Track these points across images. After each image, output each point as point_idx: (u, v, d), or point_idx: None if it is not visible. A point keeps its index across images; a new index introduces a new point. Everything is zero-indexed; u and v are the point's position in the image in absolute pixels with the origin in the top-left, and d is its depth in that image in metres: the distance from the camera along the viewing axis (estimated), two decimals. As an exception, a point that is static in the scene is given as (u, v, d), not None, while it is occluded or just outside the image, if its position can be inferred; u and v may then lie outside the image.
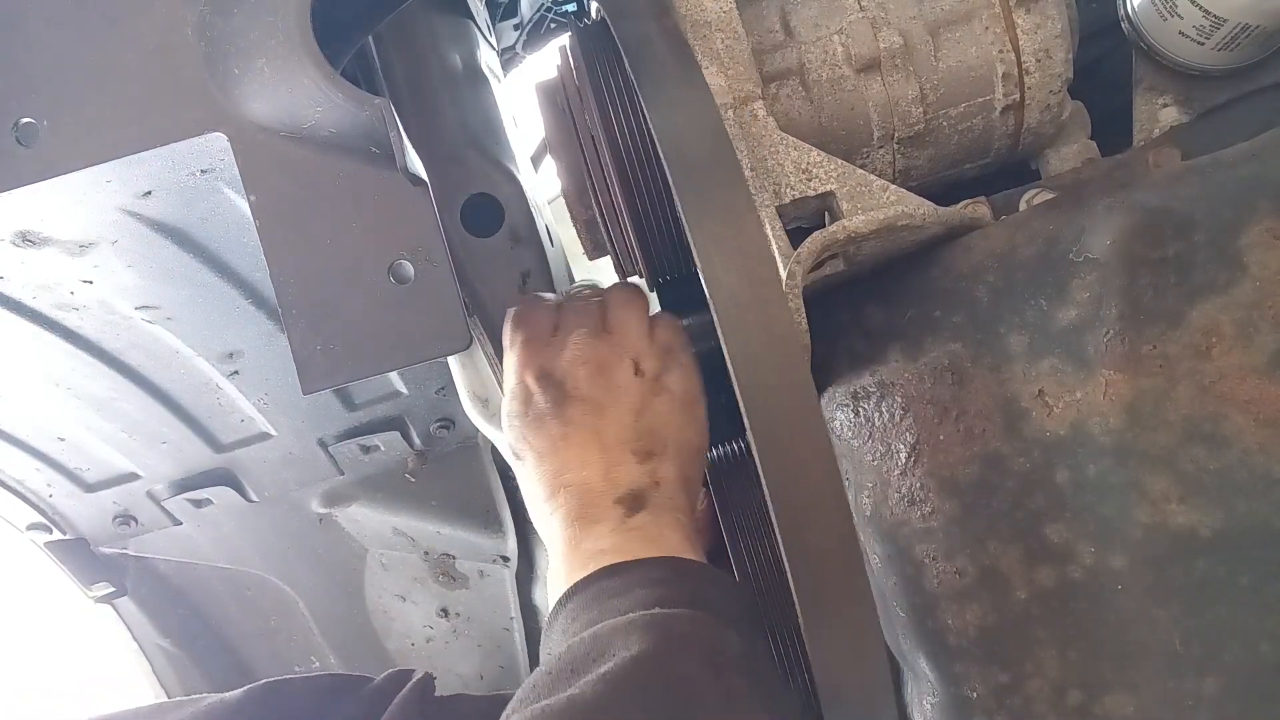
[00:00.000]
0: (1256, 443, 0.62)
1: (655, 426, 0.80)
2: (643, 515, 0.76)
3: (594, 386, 0.80)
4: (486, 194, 1.05)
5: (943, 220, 0.71)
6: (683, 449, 0.80)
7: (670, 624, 0.63)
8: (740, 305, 0.60)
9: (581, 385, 0.80)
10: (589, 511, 0.77)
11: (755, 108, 0.73)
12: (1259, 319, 0.63)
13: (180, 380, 1.18)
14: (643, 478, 0.78)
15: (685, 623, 0.64)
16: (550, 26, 1.66)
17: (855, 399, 0.73)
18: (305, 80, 0.73)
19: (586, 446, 0.79)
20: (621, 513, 0.76)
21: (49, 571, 1.48)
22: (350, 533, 1.53)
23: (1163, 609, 0.64)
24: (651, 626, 0.62)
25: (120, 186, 0.82)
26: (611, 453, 0.79)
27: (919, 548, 0.70)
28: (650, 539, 0.74)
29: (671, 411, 0.80)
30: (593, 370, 0.81)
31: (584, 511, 0.77)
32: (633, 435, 0.79)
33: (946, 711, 0.70)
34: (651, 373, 0.81)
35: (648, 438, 0.79)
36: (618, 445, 0.79)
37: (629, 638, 0.61)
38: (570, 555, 0.76)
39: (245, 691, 0.81)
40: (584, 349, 0.82)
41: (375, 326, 0.77)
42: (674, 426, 0.80)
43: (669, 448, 0.79)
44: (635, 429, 0.79)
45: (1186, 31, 0.76)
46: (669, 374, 0.81)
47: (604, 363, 0.81)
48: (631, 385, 0.80)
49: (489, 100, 1.15)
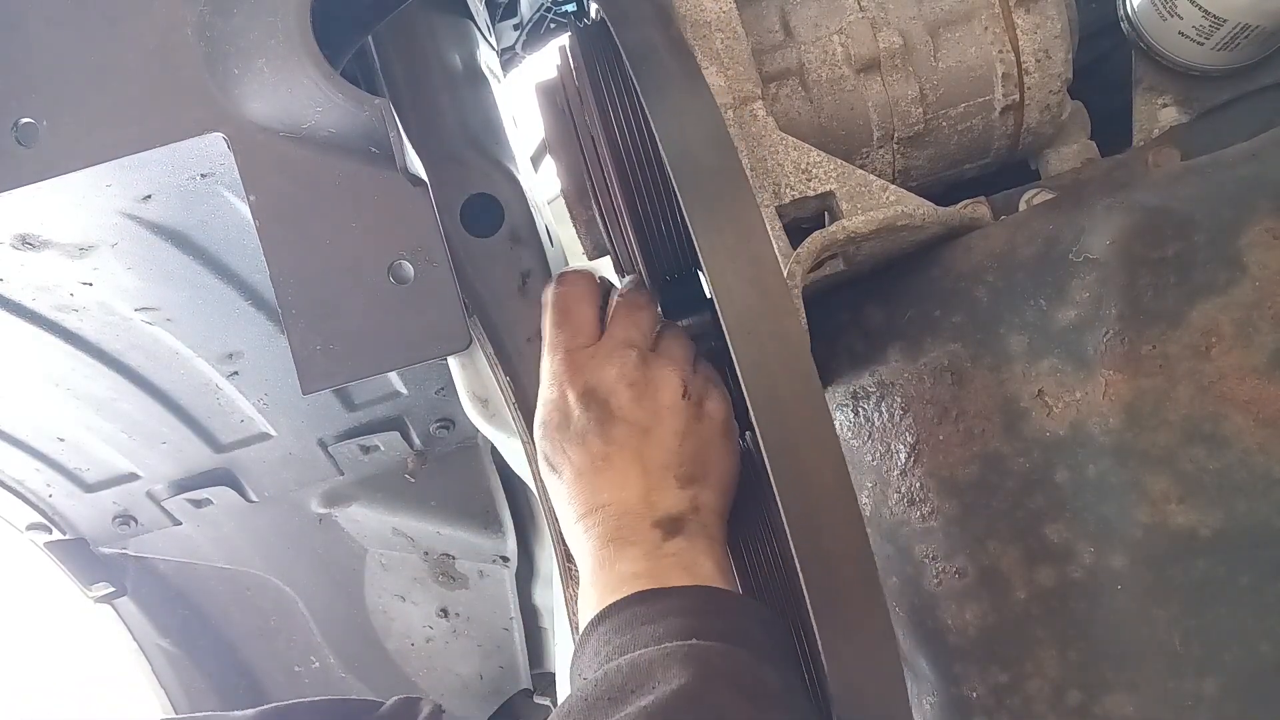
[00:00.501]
0: (1256, 443, 0.62)
1: (699, 452, 0.78)
2: (679, 540, 0.75)
3: (639, 408, 0.78)
4: (486, 194, 1.04)
5: (942, 220, 0.71)
6: (723, 476, 0.79)
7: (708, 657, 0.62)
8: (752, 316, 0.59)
9: (626, 406, 0.78)
10: (624, 533, 0.75)
11: (755, 108, 0.73)
12: (1259, 319, 0.63)
13: (180, 381, 1.18)
14: (683, 503, 0.76)
15: (722, 656, 0.63)
16: (550, 26, 1.67)
17: (855, 399, 0.73)
18: (305, 80, 0.73)
19: (628, 468, 0.77)
20: (659, 536, 0.75)
21: (49, 572, 1.48)
22: (350, 533, 1.53)
23: (1163, 609, 0.64)
24: (690, 659, 0.61)
25: (120, 190, 0.82)
26: (653, 476, 0.77)
27: (919, 548, 0.70)
28: (685, 566, 0.73)
29: (714, 437, 0.78)
30: (639, 392, 0.79)
31: (619, 533, 0.76)
32: (676, 460, 0.77)
33: (946, 711, 0.70)
34: (696, 398, 0.79)
35: (691, 463, 0.77)
36: (660, 469, 0.77)
37: (668, 670, 0.60)
38: (602, 576, 0.74)
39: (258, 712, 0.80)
40: (631, 369, 0.79)
41: (375, 326, 0.77)
42: (716, 453, 0.78)
43: (710, 475, 0.78)
44: (679, 454, 0.77)
45: (1186, 31, 0.76)
46: (710, 400, 0.80)
47: (651, 383, 0.79)
48: (678, 408, 0.78)
49: (489, 100, 1.15)
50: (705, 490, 0.77)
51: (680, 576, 0.71)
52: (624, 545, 0.75)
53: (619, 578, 0.73)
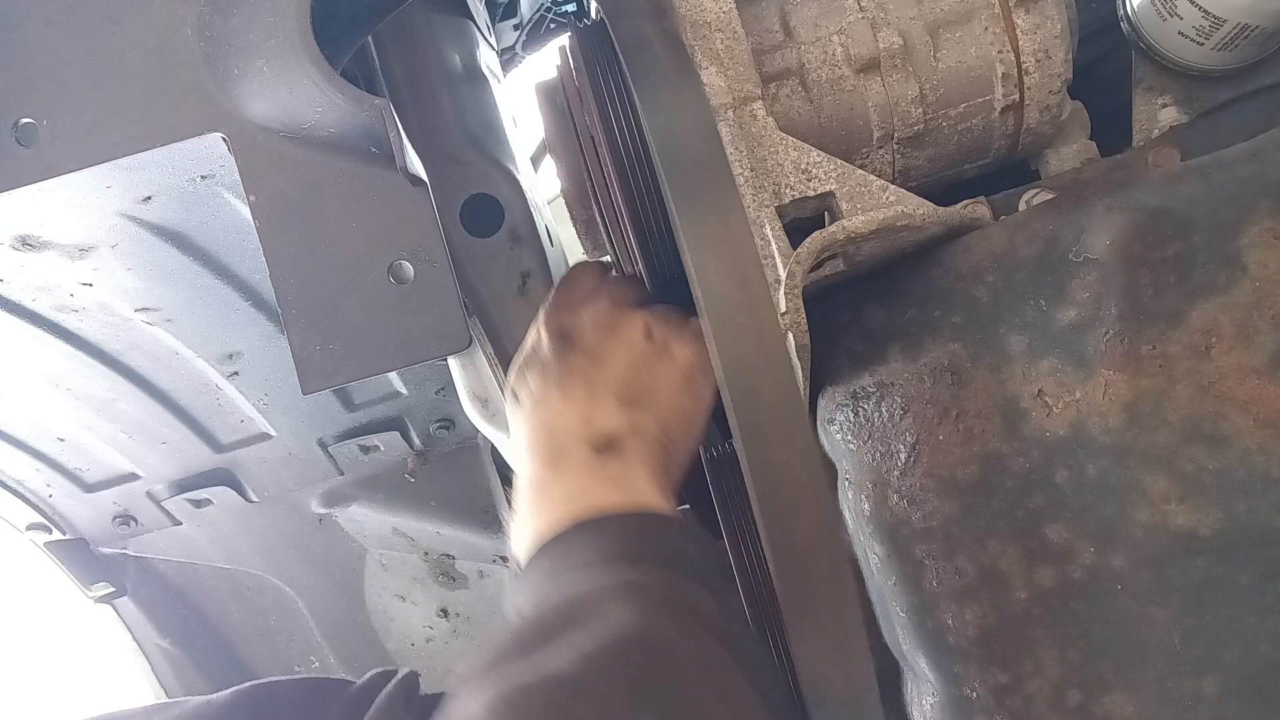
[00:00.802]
0: (1256, 443, 0.63)
1: (647, 384, 0.80)
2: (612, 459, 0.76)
3: (599, 340, 0.81)
4: (486, 194, 1.04)
5: (942, 220, 0.71)
6: (672, 411, 0.80)
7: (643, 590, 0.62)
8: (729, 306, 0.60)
9: (588, 338, 0.82)
10: (560, 452, 0.77)
11: (755, 108, 0.73)
12: (1259, 319, 0.63)
13: (180, 381, 1.18)
14: (620, 423, 0.77)
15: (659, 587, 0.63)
16: (550, 26, 1.66)
17: (855, 399, 0.73)
18: (305, 80, 0.73)
19: (575, 390, 0.79)
20: (591, 454, 0.76)
21: (49, 572, 1.48)
22: (350, 533, 1.53)
23: (1162, 609, 0.64)
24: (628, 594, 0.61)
25: (120, 192, 0.82)
26: (596, 397, 0.79)
27: (919, 548, 0.70)
28: (616, 483, 0.74)
29: (670, 374, 0.80)
30: (604, 328, 0.82)
31: (556, 454, 0.77)
32: (622, 385, 0.79)
33: (946, 711, 0.70)
34: (661, 338, 0.82)
35: (635, 390, 0.79)
36: (604, 391, 0.79)
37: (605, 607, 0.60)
38: (537, 499, 0.75)
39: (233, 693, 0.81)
40: (602, 311, 0.83)
41: (375, 326, 0.77)
42: (667, 388, 0.80)
43: (656, 404, 0.79)
44: (626, 380, 0.79)
45: (1186, 31, 0.76)
46: (679, 344, 0.82)
47: (617, 323, 0.82)
48: (637, 343, 0.81)
49: (489, 100, 1.15)
50: (646, 416, 0.79)
51: (612, 495, 0.72)
52: (559, 465, 0.76)
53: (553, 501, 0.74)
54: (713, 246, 0.61)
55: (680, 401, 0.80)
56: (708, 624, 0.62)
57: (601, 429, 0.77)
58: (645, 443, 0.78)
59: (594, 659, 0.56)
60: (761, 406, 0.59)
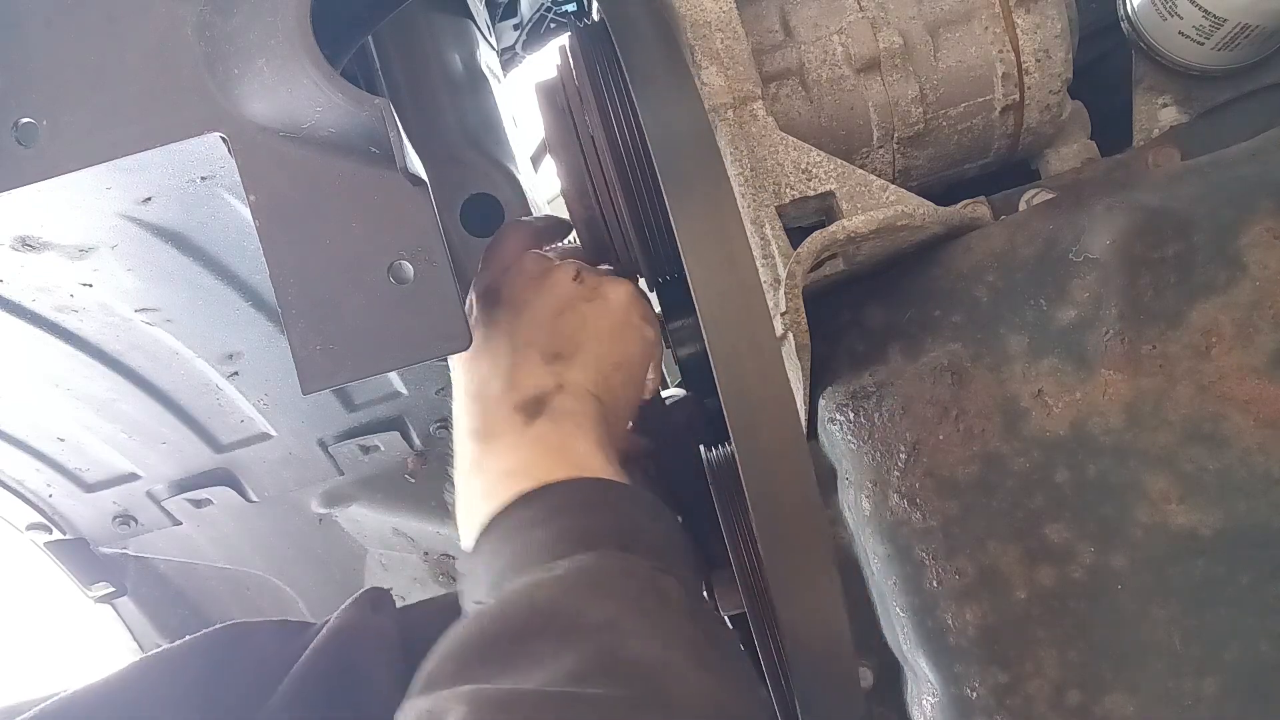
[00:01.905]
0: (1256, 443, 0.63)
1: (573, 330, 0.76)
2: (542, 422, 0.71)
3: (524, 290, 0.78)
4: (486, 194, 1.04)
5: (942, 220, 0.71)
6: (599, 359, 0.76)
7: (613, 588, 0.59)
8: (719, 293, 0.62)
9: (513, 290, 0.78)
10: (490, 424, 0.73)
11: (755, 108, 0.73)
12: (1259, 319, 0.63)
13: (180, 381, 1.18)
14: (546, 380, 0.73)
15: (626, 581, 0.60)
16: (550, 26, 1.66)
17: (855, 399, 0.73)
18: (305, 80, 0.73)
19: (499, 348, 0.76)
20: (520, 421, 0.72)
21: (49, 571, 1.48)
22: (350, 533, 1.53)
23: (1163, 609, 0.64)
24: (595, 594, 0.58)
25: (120, 193, 0.82)
26: (519, 354, 0.75)
27: (919, 548, 0.70)
28: (552, 449, 0.70)
29: (599, 318, 0.76)
30: (529, 277, 0.78)
31: (487, 425, 0.73)
32: (545, 336, 0.75)
33: (946, 711, 0.70)
34: (592, 281, 0.78)
35: (560, 340, 0.75)
36: (526, 346, 0.75)
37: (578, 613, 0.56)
38: (475, 476, 0.72)
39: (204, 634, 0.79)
40: (529, 263, 0.79)
41: (375, 326, 0.77)
42: (596, 333, 0.76)
43: (582, 352, 0.75)
44: (549, 329, 0.75)
45: (1186, 31, 0.76)
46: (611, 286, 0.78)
47: (545, 272, 0.78)
48: (561, 287, 0.77)
49: (489, 100, 1.15)
50: (573, 368, 0.74)
51: (551, 463, 0.68)
52: (491, 438, 0.73)
53: (493, 477, 0.70)
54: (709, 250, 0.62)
55: (613, 349, 0.77)
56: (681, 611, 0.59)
57: (526, 390, 0.73)
58: (576, 397, 0.73)
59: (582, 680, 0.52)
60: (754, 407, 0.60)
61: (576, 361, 0.75)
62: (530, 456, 0.70)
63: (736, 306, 0.61)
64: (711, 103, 0.72)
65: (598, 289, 0.78)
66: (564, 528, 0.63)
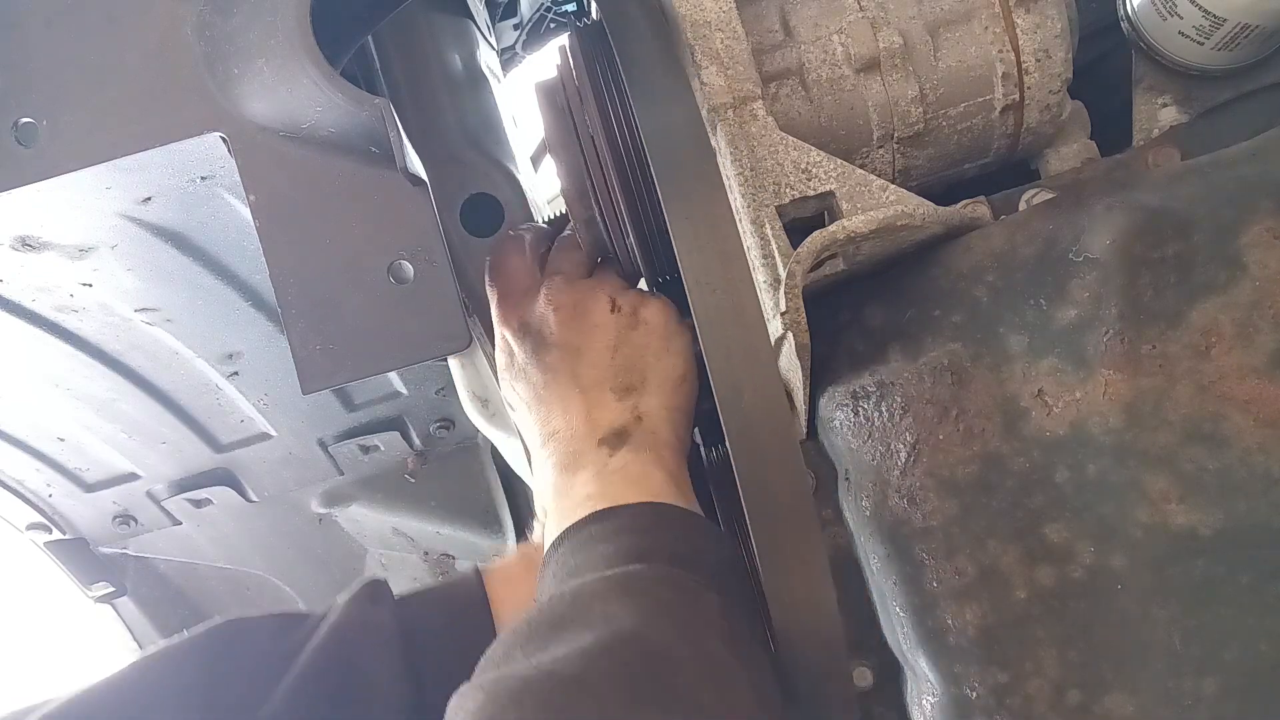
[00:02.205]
0: (1256, 442, 0.62)
1: (633, 361, 0.80)
2: (624, 453, 0.76)
3: (568, 330, 0.81)
4: (486, 194, 1.05)
5: (942, 220, 0.71)
6: (665, 380, 0.80)
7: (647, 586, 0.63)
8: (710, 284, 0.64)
9: (557, 331, 0.81)
10: (575, 458, 0.78)
11: (755, 108, 0.73)
12: (1259, 319, 0.63)
13: (180, 381, 1.18)
14: (624, 414, 0.78)
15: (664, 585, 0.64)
16: (550, 26, 1.66)
17: (855, 399, 0.73)
18: (305, 80, 0.73)
19: (567, 392, 0.80)
20: (605, 454, 0.76)
21: (49, 571, 1.48)
22: (350, 533, 1.53)
23: (1163, 609, 0.64)
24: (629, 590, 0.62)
25: (120, 193, 0.82)
26: (590, 394, 0.79)
27: (919, 548, 0.70)
28: (632, 480, 0.74)
29: (649, 342, 0.80)
30: (567, 314, 0.81)
31: (570, 459, 0.78)
32: (610, 373, 0.79)
33: (946, 711, 0.70)
34: (628, 307, 0.81)
35: (625, 373, 0.79)
36: (596, 386, 0.79)
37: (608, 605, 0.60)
38: (560, 503, 0.76)
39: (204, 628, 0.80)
40: (557, 294, 0.82)
41: (375, 326, 0.77)
42: (653, 357, 0.80)
43: (648, 380, 0.79)
44: (612, 366, 0.79)
45: (1186, 31, 0.76)
46: (646, 307, 0.81)
47: (578, 304, 0.82)
48: (607, 322, 0.81)
49: (489, 100, 1.15)
50: (646, 397, 0.79)
51: (630, 492, 0.73)
52: (576, 470, 0.77)
53: (574, 502, 0.74)
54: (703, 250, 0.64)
55: (667, 366, 0.80)
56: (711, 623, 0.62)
57: (608, 426, 0.78)
58: (654, 425, 0.78)
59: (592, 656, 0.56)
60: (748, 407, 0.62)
61: (648, 390, 0.79)
62: (610, 485, 0.74)
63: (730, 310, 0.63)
64: (711, 102, 0.72)
65: (636, 314, 0.81)
66: (626, 544, 0.67)
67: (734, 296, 0.64)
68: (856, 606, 0.75)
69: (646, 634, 0.58)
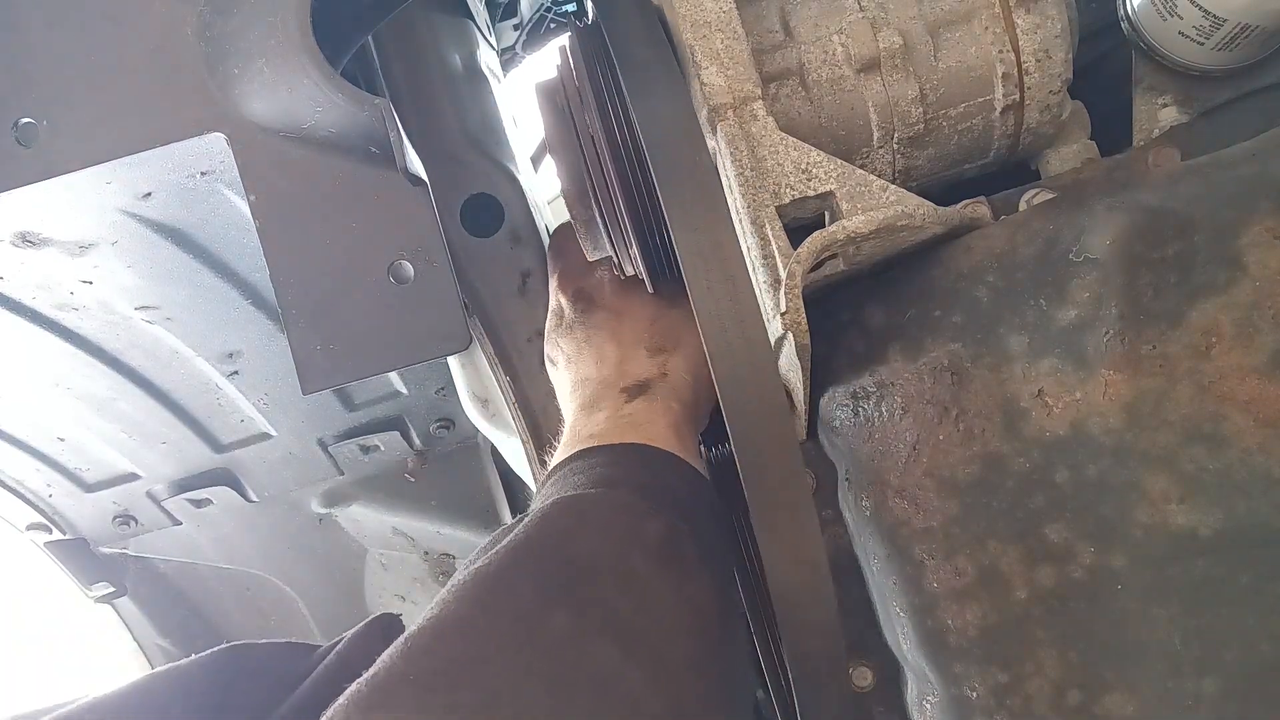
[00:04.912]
0: (1256, 442, 0.62)
1: (668, 330, 0.87)
2: (639, 402, 0.81)
3: (617, 297, 0.89)
4: (486, 194, 1.05)
5: (942, 220, 0.71)
6: (696, 349, 0.85)
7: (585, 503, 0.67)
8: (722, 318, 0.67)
9: (607, 296, 0.90)
10: (596, 400, 0.83)
11: (755, 108, 0.73)
12: (1259, 319, 0.63)
13: (180, 380, 1.18)
14: (652, 369, 0.84)
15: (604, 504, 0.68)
16: (550, 26, 1.67)
17: (855, 399, 0.73)
18: (305, 80, 0.73)
19: (605, 344, 0.87)
20: (623, 400, 0.82)
21: (49, 571, 1.48)
22: (350, 533, 1.53)
23: (1163, 609, 0.64)
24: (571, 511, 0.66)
25: (120, 188, 0.82)
26: (626, 349, 0.86)
27: (919, 548, 0.70)
28: (637, 424, 0.79)
29: (686, 320, 0.85)
30: (617, 285, 0.90)
31: (592, 400, 0.84)
32: (647, 336, 0.87)
33: (946, 711, 0.70)
34: (668, 294, 0.88)
35: (661, 337, 0.87)
36: (632, 343, 0.87)
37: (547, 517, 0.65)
38: (569, 439, 0.81)
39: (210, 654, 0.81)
40: (611, 270, 0.90)
41: (375, 326, 0.77)
42: (686, 332, 0.87)
43: (681, 344, 0.86)
44: (650, 331, 0.87)
45: (1186, 31, 0.76)
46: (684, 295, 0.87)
47: (627, 282, 0.89)
48: (649, 298, 0.88)
49: (489, 100, 1.15)
50: (674, 357, 0.86)
51: (630, 434, 0.77)
52: (593, 411, 0.83)
53: (578, 438, 0.79)
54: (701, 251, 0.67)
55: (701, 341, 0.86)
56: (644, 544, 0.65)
57: (635, 376, 0.84)
58: (676, 382, 0.84)
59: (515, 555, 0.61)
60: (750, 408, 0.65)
61: (679, 352, 0.86)
62: (614, 426, 0.79)
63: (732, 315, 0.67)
64: (711, 103, 0.72)
65: (674, 300, 0.88)
66: (597, 475, 0.72)
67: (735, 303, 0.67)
68: (857, 607, 0.75)
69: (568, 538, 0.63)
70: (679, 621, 0.62)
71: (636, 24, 0.74)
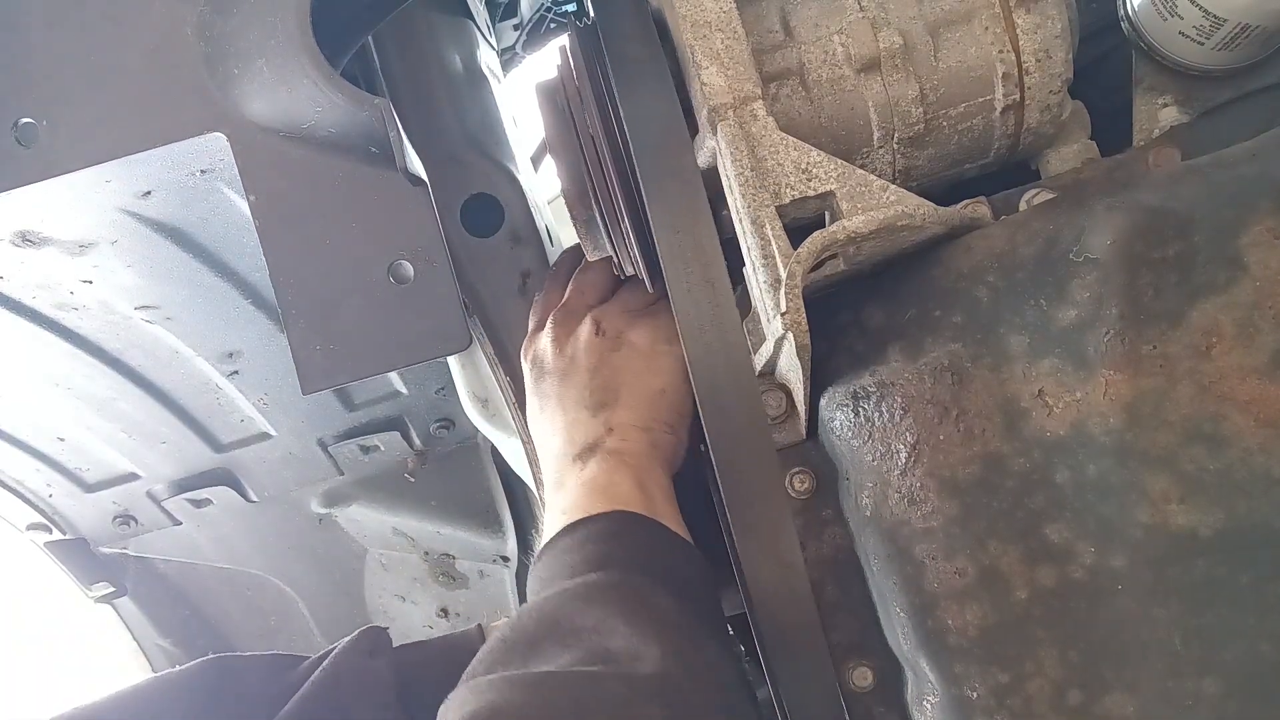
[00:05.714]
0: (1257, 443, 0.62)
1: (609, 380, 0.84)
2: (592, 464, 0.80)
3: (559, 357, 0.87)
4: (486, 194, 1.05)
5: (942, 220, 0.71)
6: (640, 394, 0.83)
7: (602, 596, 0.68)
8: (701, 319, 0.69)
9: (551, 360, 0.87)
10: (560, 476, 0.82)
11: (755, 108, 0.73)
12: (1259, 319, 0.63)
13: (180, 380, 1.18)
14: (596, 429, 0.82)
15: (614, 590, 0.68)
16: (550, 26, 1.67)
17: (855, 399, 0.73)
18: (305, 80, 0.73)
19: (554, 414, 0.85)
20: (579, 468, 0.81)
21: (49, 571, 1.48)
22: (350, 533, 1.53)
23: (1163, 609, 0.64)
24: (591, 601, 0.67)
25: (120, 187, 0.82)
26: (570, 414, 0.84)
27: (919, 548, 0.70)
28: (599, 489, 0.78)
29: (629, 362, 0.84)
30: (561, 344, 0.87)
31: (557, 477, 0.83)
32: (588, 393, 0.84)
33: (947, 711, 0.70)
34: (613, 330, 0.86)
35: (601, 392, 0.84)
36: (575, 406, 0.84)
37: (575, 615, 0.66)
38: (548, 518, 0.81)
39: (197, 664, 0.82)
40: (554, 325, 0.88)
41: (375, 326, 0.77)
42: (630, 375, 0.84)
43: (621, 395, 0.83)
44: (590, 386, 0.84)
45: (1186, 31, 0.76)
46: (632, 329, 0.85)
47: (570, 333, 0.87)
48: (591, 346, 0.85)
49: (489, 100, 1.15)
50: (618, 410, 0.83)
51: (598, 501, 0.77)
52: (560, 488, 0.82)
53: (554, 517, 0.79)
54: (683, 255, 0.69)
55: (651, 380, 0.84)
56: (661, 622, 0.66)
57: (581, 442, 0.82)
58: (624, 435, 0.81)
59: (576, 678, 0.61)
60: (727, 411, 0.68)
61: (620, 404, 0.83)
62: (581, 496, 0.78)
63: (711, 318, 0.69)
64: (712, 103, 0.72)
65: (620, 337, 0.86)
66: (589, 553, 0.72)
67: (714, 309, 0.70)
68: (857, 607, 0.75)
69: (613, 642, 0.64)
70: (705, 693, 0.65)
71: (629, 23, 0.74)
